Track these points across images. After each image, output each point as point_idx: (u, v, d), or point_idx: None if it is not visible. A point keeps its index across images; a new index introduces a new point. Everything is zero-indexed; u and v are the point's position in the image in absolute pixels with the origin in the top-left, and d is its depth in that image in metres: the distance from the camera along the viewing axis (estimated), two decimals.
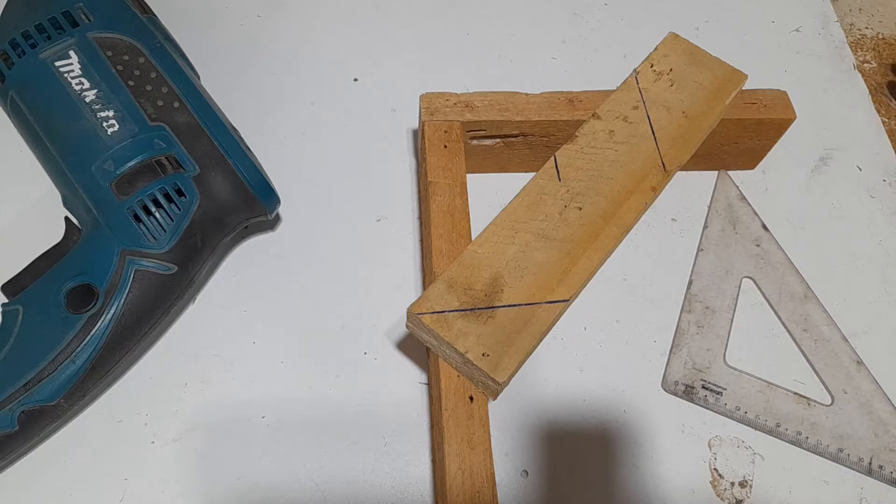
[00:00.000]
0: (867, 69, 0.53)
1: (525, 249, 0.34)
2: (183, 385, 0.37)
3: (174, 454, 0.35)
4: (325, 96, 0.47)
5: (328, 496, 0.35)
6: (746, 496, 0.36)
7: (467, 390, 0.33)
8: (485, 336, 0.32)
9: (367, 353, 0.39)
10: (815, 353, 0.39)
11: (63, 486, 0.34)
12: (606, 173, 0.37)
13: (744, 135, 0.42)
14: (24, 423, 0.32)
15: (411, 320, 0.33)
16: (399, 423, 0.37)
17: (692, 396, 0.38)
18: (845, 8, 0.57)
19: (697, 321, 0.40)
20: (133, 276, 0.34)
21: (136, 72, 0.36)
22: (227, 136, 0.36)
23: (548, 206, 0.36)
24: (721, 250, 0.42)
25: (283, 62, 0.49)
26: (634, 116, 0.39)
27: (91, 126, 0.35)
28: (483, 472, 0.31)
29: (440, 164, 0.38)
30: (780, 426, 0.37)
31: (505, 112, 0.40)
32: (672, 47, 0.42)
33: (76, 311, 0.33)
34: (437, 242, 0.36)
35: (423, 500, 0.35)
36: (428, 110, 0.40)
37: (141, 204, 0.34)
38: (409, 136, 0.46)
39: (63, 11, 0.36)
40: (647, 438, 0.37)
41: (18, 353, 0.32)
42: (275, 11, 0.51)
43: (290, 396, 0.37)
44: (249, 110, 0.46)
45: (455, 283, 0.33)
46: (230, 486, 0.35)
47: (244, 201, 0.36)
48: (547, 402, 0.38)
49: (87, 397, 0.35)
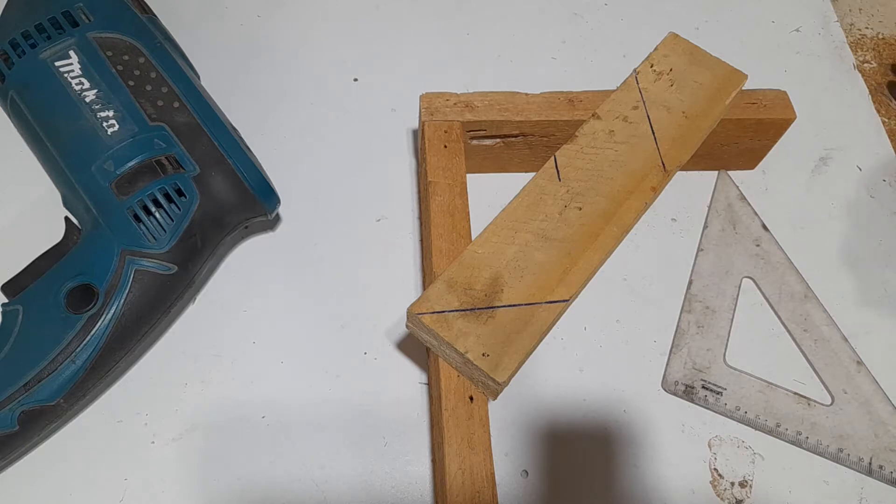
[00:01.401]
0: (867, 69, 0.53)
1: (525, 249, 0.34)
2: (183, 385, 0.37)
3: (174, 454, 0.35)
4: (325, 96, 0.47)
5: (328, 496, 0.35)
6: (746, 496, 0.36)
7: (467, 390, 0.33)
8: (485, 336, 0.32)
9: (367, 353, 0.39)
10: (815, 353, 0.39)
11: (63, 486, 0.34)
12: (606, 173, 0.37)
13: (744, 135, 0.42)
14: (24, 423, 0.32)
15: (411, 320, 0.33)
16: (399, 423, 0.37)
17: (692, 396, 0.38)
18: (845, 8, 0.57)
19: (697, 321, 0.40)
20: (133, 276, 0.34)
21: (136, 72, 0.36)
22: (227, 136, 0.36)
23: (548, 206, 0.36)
24: (721, 250, 0.42)
25: (283, 62, 0.49)
26: (634, 116, 0.39)
27: (91, 126, 0.35)
28: (483, 472, 0.31)
29: (440, 164, 0.38)
30: (780, 426, 0.37)
31: (505, 112, 0.40)
32: (672, 47, 0.42)
33: (76, 311, 0.33)
34: (437, 242, 0.36)
35: (423, 500, 0.35)
36: (428, 110, 0.40)
37: (141, 204, 0.34)
38: (409, 136, 0.46)
39: (63, 11, 0.36)
40: (647, 438, 0.37)
41: (18, 353, 0.32)
42: (275, 11, 0.51)
43: (290, 396, 0.37)
44: (249, 110, 0.46)
45: (455, 283, 0.33)
46: (230, 486, 0.35)
47: (244, 201, 0.36)
48: (547, 402, 0.38)
49: (87, 397, 0.35)
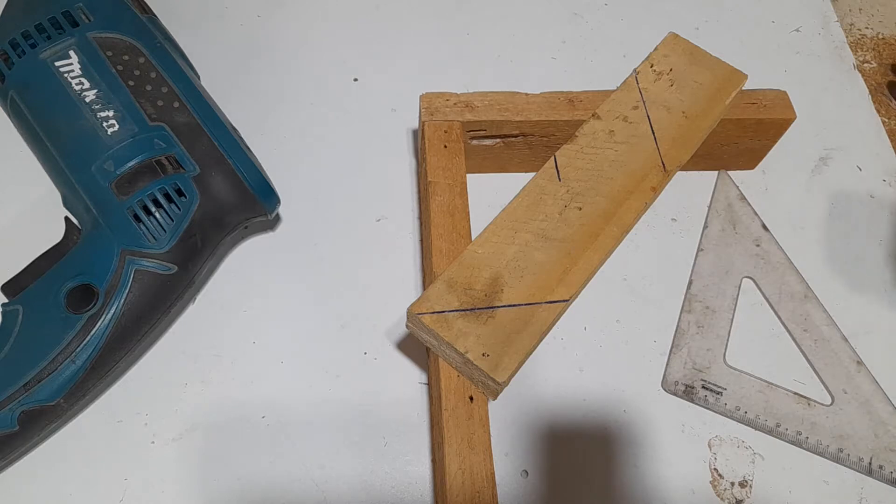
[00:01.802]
0: (867, 69, 0.53)
1: (525, 249, 0.34)
2: (183, 385, 0.37)
3: (174, 454, 0.35)
4: (325, 96, 0.47)
5: (328, 496, 0.35)
6: (746, 496, 0.36)
7: (467, 390, 0.33)
8: (485, 336, 0.32)
9: (367, 353, 0.39)
10: (815, 353, 0.39)
11: (63, 486, 0.34)
12: (606, 173, 0.37)
13: (744, 135, 0.42)
14: (24, 423, 0.32)
15: (411, 320, 0.33)
16: (399, 423, 0.37)
17: (692, 396, 0.38)
18: (845, 8, 0.57)
19: (697, 321, 0.40)
20: (133, 276, 0.34)
21: (136, 72, 0.36)
22: (227, 136, 0.36)
23: (548, 206, 0.36)
24: (721, 250, 0.42)
25: (283, 62, 0.49)
26: (634, 116, 0.39)
27: (91, 126, 0.35)
28: (483, 472, 0.31)
29: (440, 164, 0.38)
30: (780, 426, 0.37)
31: (505, 112, 0.40)
32: (672, 47, 0.42)
33: (76, 311, 0.33)
34: (437, 242, 0.36)
35: (423, 500, 0.35)
36: (428, 110, 0.40)
37: (141, 204, 0.34)
38: (409, 136, 0.46)
39: (63, 11, 0.36)
40: (647, 438, 0.37)
41: (18, 353, 0.32)
42: (275, 11, 0.51)
43: (290, 396, 0.37)
44: (249, 110, 0.46)
45: (455, 283, 0.33)
46: (230, 486, 0.35)
47: (244, 201, 0.36)
48: (547, 402, 0.38)
49: (87, 397, 0.35)
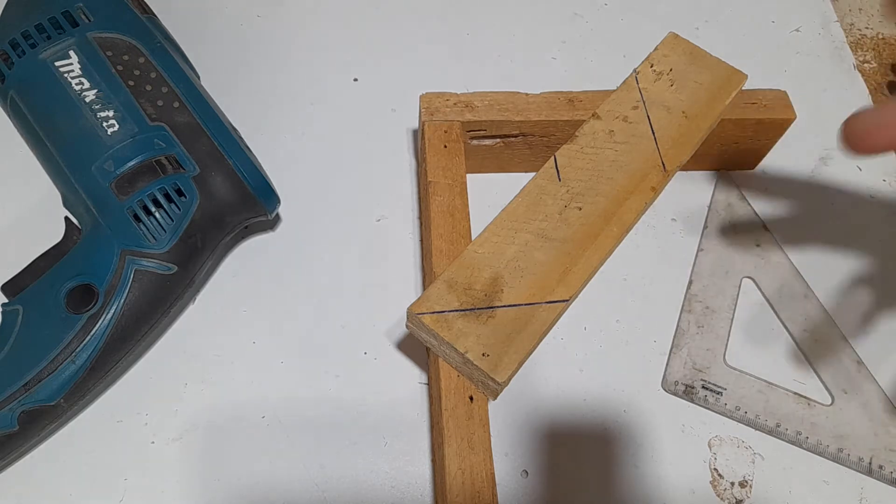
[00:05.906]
0: (867, 69, 0.53)
1: (525, 249, 0.34)
2: (183, 385, 0.37)
3: (174, 454, 0.35)
4: (324, 96, 0.47)
5: (328, 496, 0.35)
6: (746, 496, 0.36)
7: (467, 390, 0.33)
8: (485, 336, 0.32)
9: (367, 353, 0.39)
10: (815, 353, 0.39)
11: (63, 486, 0.34)
12: (606, 173, 0.37)
13: (744, 135, 0.42)
14: (24, 423, 0.32)
15: (411, 320, 0.33)
16: (399, 423, 0.37)
17: (692, 396, 0.38)
18: (845, 8, 0.57)
19: (697, 321, 0.40)
20: (133, 276, 0.34)
21: (136, 72, 0.36)
22: (227, 136, 0.36)
23: (548, 206, 0.36)
24: (721, 250, 0.42)
25: (283, 62, 0.49)
26: (634, 116, 0.39)
27: (91, 126, 0.35)
28: (483, 472, 0.31)
29: (440, 164, 0.38)
30: (780, 426, 0.37)
31: (505, 112, 0.40)
32: (672, 47, 0.42)
33: (76, 311, 0.33)
34: (437, 242, 0.36)
35: (423, 500, 0.35)
36: (428, 110, 0.40)
37: (141, 204, 0.34)
38: (409, 136, 0.46)
39: (63, 11, 0.36)
40: (647, 438, 0.37)
41: (18, 353, 0.32)
42: (275, 11, 0.51)
43: (290, 396, 0.37)
44: (249, 110, 0.46)
45: (455, 283, 0.33)
46: (230, 486, 0.35)
47: (244, 201, 0.36)
48: (547, 402, 0.38)
49: (87, 397, 0.35)
